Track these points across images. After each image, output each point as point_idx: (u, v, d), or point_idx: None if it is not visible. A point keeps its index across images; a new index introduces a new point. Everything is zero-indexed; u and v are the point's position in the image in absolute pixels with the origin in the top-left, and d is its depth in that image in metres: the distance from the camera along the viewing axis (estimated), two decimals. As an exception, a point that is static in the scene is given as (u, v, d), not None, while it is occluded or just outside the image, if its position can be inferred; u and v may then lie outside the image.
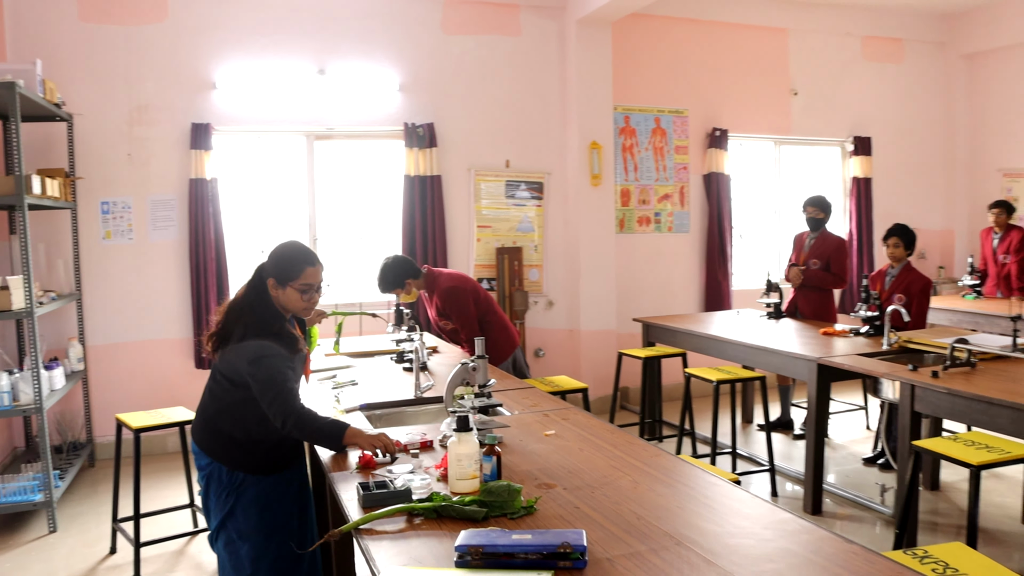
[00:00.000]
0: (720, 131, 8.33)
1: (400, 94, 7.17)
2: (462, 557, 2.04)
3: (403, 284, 5.14)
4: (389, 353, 5.15)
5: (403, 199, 7.17)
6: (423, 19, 7.21)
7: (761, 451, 6.21)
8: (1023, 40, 8.81)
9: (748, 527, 2.31)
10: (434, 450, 3.09)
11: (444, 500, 2.42)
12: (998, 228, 7.99)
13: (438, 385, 4.13)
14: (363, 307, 6.80)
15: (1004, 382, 4.17)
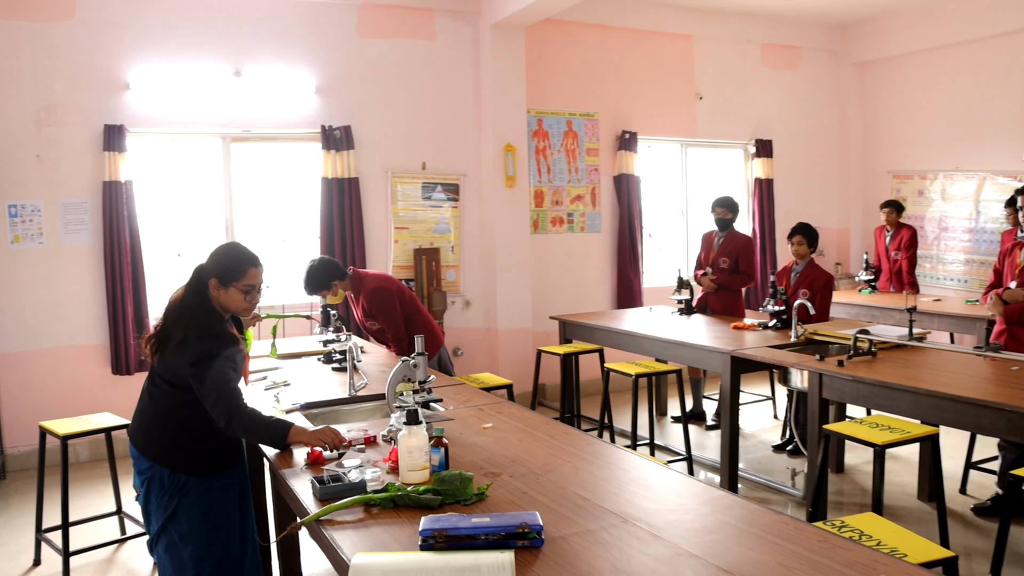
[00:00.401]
0: (629, 134, 8.58)
1: (317, 97, 7.20)
2: (426, 541, 2.15)
3: (329, 286, 5.20)
4: (316, 354, 5.20)
5: (321, 201, 7.20)
6: (339, 22, 7.25)
7: (676, 442, 6.46)
8: (909, 51, 9.34)
9: (687, 504, 2.49)
10: (378, 445, 3.19)
11: (399, 490, 2.53)
12: (889, 226, 8.44)
13: (371, 384, 4.22)
14: (285, 309, 6.82)
15: (902, 368, 4.48)
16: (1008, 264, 5.08)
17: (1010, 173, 8.47)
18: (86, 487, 5.98)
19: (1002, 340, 4.97)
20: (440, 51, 7.68)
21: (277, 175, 7.33)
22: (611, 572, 2.04)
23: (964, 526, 4.91)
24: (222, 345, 3.08)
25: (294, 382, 4.41)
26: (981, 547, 4.54)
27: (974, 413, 3.87)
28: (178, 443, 3.11)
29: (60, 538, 4.46)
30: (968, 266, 8.99)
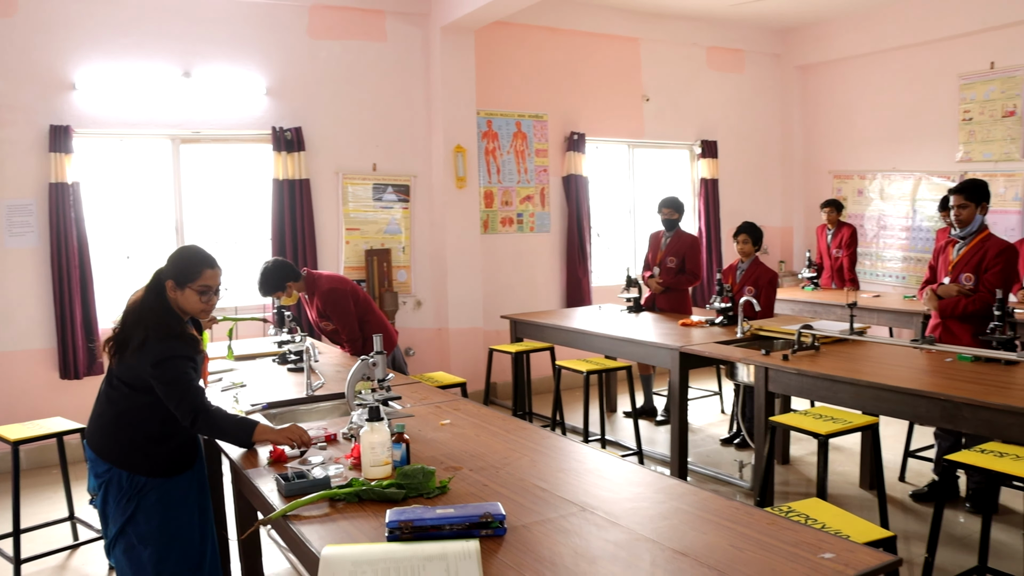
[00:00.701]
0: (578, 135, 8.70)
1: (267, 98, 7.20)
2: (393, 532, 2.23)
3: (284, 287, 5.22)
4: (271, 355, 5.23)
5: (272, 203, 7.21)
6: (289, 23, 7.25)
7: (627, 437, 6.58)
8: (848, 55, 9.61)
9: (642, 492, 2.59)
10: (339, 443, 3.25)
11: (363, 485, 2.60)
12: (831, 225, 8.68)
13: (328, 383, 4.27)
14: (238, 311, 6.80)
15: (844, 361, 4.66)
16: (942, 261, 5.29)
17: (944, 174, 8.76)
18: (37, 493, 5.92)
19: (937, 333, 5.17)
20: (390, 53, 7.73)
21: (228, 177, 7.31)
22: (572, 557, 2.13)
23: (903, 511, 5.11)
24: (183, 346, 3.12)
25: (250, 383, 4.44)
26: (919, 531, 4.73)
27: (911, 403, 4.05)
28: (137, 445, 3.12)
29: (11, 546, 4.43)
30: (906, 263, 9.27)
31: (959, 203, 5.09)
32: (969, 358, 4.53)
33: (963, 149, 8.59)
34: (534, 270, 8.70)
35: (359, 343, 5.35)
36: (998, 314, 4.54)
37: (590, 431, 6.16)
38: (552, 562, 2.10)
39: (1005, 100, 8.19)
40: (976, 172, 8.31)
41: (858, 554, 2.09)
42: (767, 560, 2.06)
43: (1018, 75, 8.06)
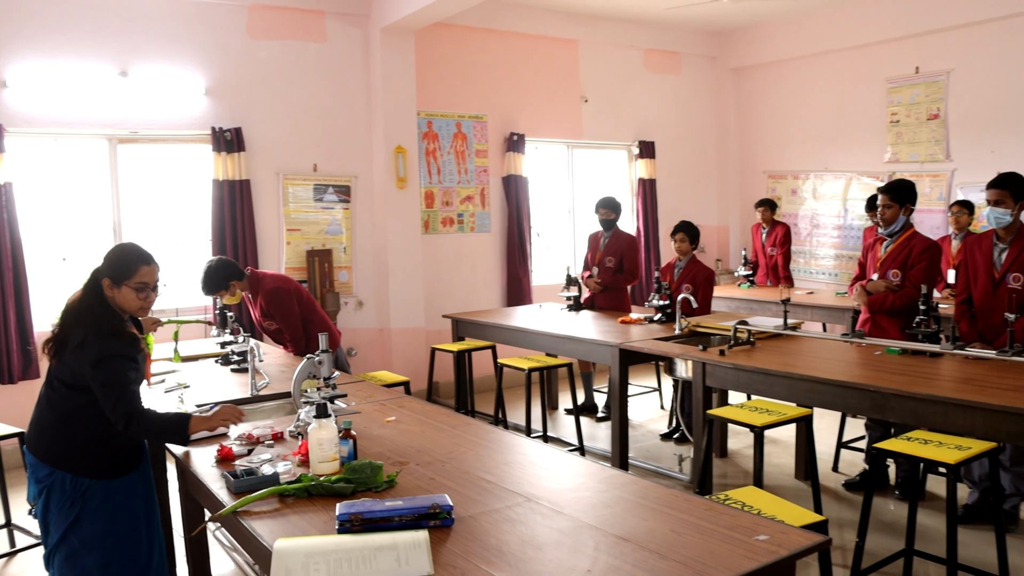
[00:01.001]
0: (517, 135, 8.79)
1: (207, 98, 7.14)
2: (343, 525, 2.27)
3: (227, 286, 5.19)
4: (214, 356, 5.21)
5: (212, 204, 7.16)
6: (228, 23, 7.21)
7: (569, 434, 6.68)
8: (781, 58, 9.86)
9: (585, 483, 2.67)
10: (285, 440, 3.28)
11: (312, 480, 2.64)
12: (765, 224, 8.90)
13: (272, 383, 4.28)
14: (179, 312, 6.75)
15: (778, 356, 4.80)
16: (871, 258, 5.47)
17: (873, 174, 9.03)
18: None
19: (866, 328, 5.35)
20: (331, 53, 7.72)
21: (167, 177, 7.23)
22: (519, 545, 2.20)
23: (836, 500, 5.29)
24: (124, 345, 3.08)
25: (194, 384, 4.43)
26: (851, 518, 4.90)
27: (843, 395, 4.21)
28: (79, 446, 3.07)
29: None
30: (838, 260, 9.54)
31: (885, 203, 5.27)
32: (896, 351, 4.71)
33: (891, 150, 8.87)
34: (475, 270, 8.76)
35: (302, 343, 5.36)
36: (923, 309, 4.72)
37: (532, 428, 6.24)
38: (500, 550, 2.17)
39: (930, 104, 8.48)
40: (903, 172, 8.59)
41: (791, 535, 2.19)
42: (705, 543, 2.16)
43: (941, 80, 8.35)
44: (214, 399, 4.02)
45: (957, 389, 3.87)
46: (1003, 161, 7.63)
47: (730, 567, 2.02)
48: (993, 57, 7.95)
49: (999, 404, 3.58)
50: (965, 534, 4.58)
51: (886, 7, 8.60)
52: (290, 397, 3.91)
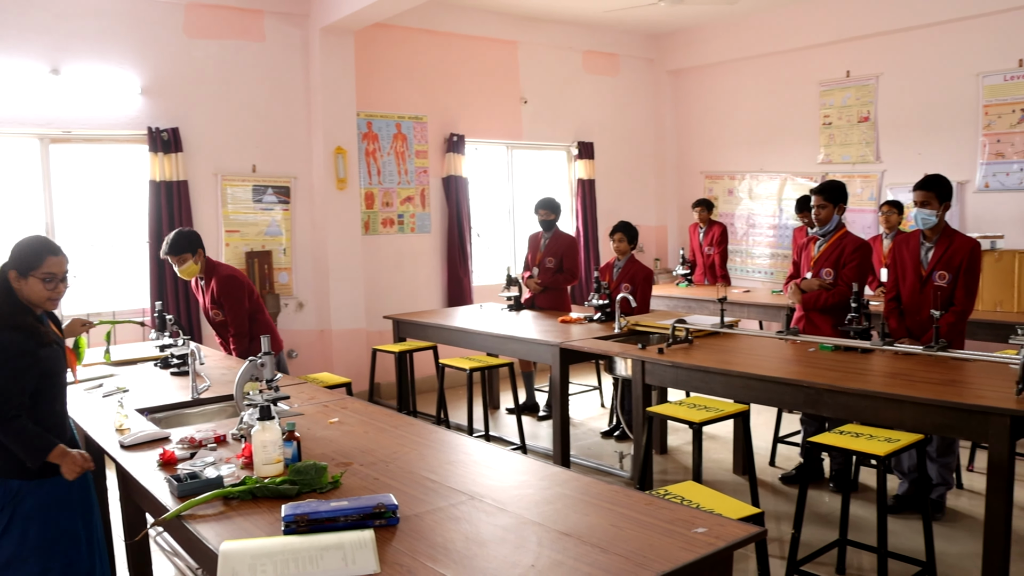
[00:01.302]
0: (457, 136, 8.81)
1: (142, 97, 7.03)
2: (289, 526, 2.28)
3: (194, 251, 5.29)
4: (153, 359, 5.15)
5: (149, 205, 7.05)
6: (164, 21, 7.10)
7: (511, 433, 6.72)
8: (717, 61, 10.03)
9: (527, 480, 2.72)
10: (228, 443, 3.26)
11: (257, 482, 2.64)
12: (702, 223, 9.05)
13: (213, 386, 4.25)
14: (116, 315, 6.64)
15: (716, 353, 4.91)
16: (804, 257, 5.61)
17: (807, 174, 9.24)
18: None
19: (801, 325, 5.49)
20: (269, 53, 7.66)
21: (102, 178, 7.10)
22: (463, 542, 2.24)
23: (774, 493, 5.41)
24: (25, 339, 2.98)
25: (133, 388, 4.37)
26: (788, 510, 5.03)
27: (778, 391, 4.32)
28: (3, 445, 2.95)
29: None
30: (773, 259, 9.73)
31: (819, 203, 5.42)
32: (830, 347, 4.85)
33: (824, 152, 9.08)
34: (416, 270, 8.77)
35: (246, 340, 5.39)
36: (855, 306, 4.86)
37: (474, 427, 6.28)
38: (445, 547, 2.21)
39: (860, 107, 8.70)
40: (836, 173, 8.81)
41: (728, 527, 2.26)
42: (645, 536, 2.22)
43: (871, 84, 8.58)
44: (153, 403, 3.98)
45: (887, 384, 4.00)
46: (929, 162, 7.88)
47: (670, 559, 2.08)
48: (919, 62, 8.19)
49: (926, 398, 3.71)
50: (895, 523, 4.74)
51: (818, 13, 8.81)
52: (232, 400, 3.90)
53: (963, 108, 7.87)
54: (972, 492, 5.32)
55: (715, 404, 4.48)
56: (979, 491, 5.19)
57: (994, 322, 6.12)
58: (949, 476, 5.00)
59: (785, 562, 3.95)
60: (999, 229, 7.34)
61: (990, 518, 3.61)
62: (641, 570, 2.02)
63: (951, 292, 4.82)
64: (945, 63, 7.98)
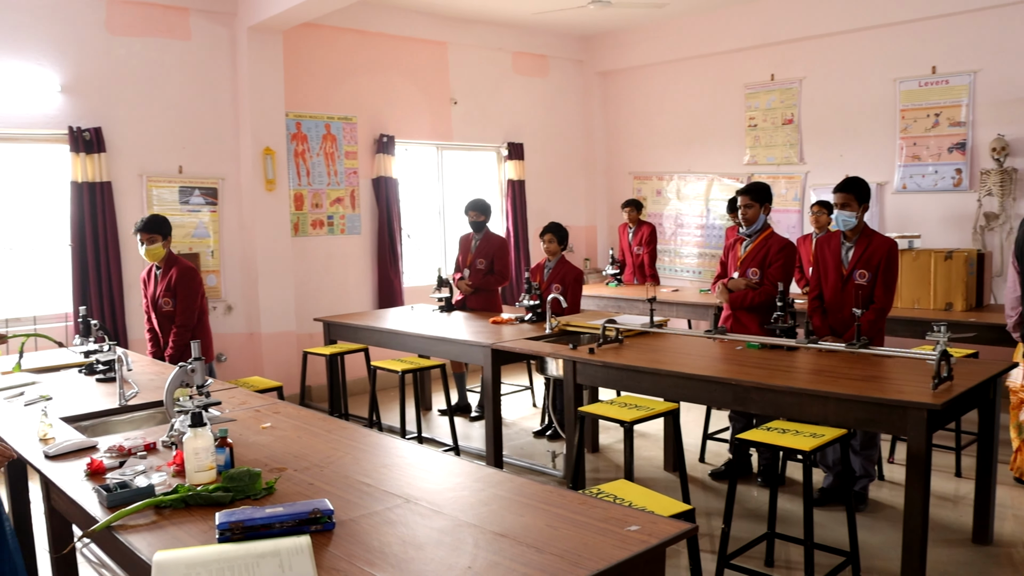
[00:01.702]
0: (387, 137, 8.77)
1: (63, 96, 6.85)
2: (224, 533, 2.26)
3: (165, 236, 5.70)
4: (77, 366, 5.02)
5: (71, 207, 6.87)
6: (84, 17, 6.92)
7: (443, 434, 6.73)
8: (646, 63, 10.16)
9: (462, 482, 2.74)
10: (159, 451, 3.21)
11: (189, 490, 2.61)
12: (632, 224, 9.17)
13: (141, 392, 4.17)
14: (37, 320, 6.47)
15: (646, 352, 4.99)
16: (732, 257, 5.73)
17: (733, 175, 9.42)
18: None
19: (728, 324, 5.60)
20: (196, 52, 7.53)
21: (20, 179, 6.90)
22: (400, 545, 2.24)
23: (704, 489, 5.52)
24: None
25: (56, 396, 4.26)
26: (718, 506, 5.13)
27: (707, 389, 4.41)
28: None
29: None
30: (701, 259, 9.90)
31: (745, 203, 5.54)
32: (756, 345, 4.96)
33: (749, 153, 9.27)
34: (346, 272, 8.71)
35: (188, 335, 5.53)
36: (780, 305, 4.99)
37: (407, 430, 6.27)
38: (381, 551, 2.21)
39: (784, 109, 8.91)
40: (761, 174, 9.00)
41: (660, 525, 2.31)
42: (579, 535, 2.25)
43: (795, 87, 8.79)
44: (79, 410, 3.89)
45: (811, 380, 4.12)
46: (850, 164, 8.11)
47: (604, 557, 2.11)
48: (840, 67, 8.42)
49: (849, 393, 3.83)
50: (821, 515, 4.87)
51: (743, 17, 8.99)
52: (161, 406, 3.84)
53: (881, 112, 8.11)
54: (893, 483, 5.50)
55: (646, 403, 4.55)
56: (900, 482, 5.35)
57: (912, 319, 6.33)
58: (871, 468, 5.16)
59: (716, 557, 4.03)
60: (916, 229, 7.59)
61: (909, 507, 3.75)
62: (576, 569, 2.05)
63: (871, 290, 4.98)
64: (864, 68, 8.22)
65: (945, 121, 7.69)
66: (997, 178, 7.25)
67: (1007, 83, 7.31)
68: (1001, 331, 5.53)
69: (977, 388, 4.06)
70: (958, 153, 7.62)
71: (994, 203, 7.35)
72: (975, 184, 7.52)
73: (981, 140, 7.48)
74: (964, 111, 7.56)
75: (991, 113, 7.42)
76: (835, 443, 3.82)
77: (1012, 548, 4.51)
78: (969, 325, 5.91)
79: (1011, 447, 5.43)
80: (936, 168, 7.76)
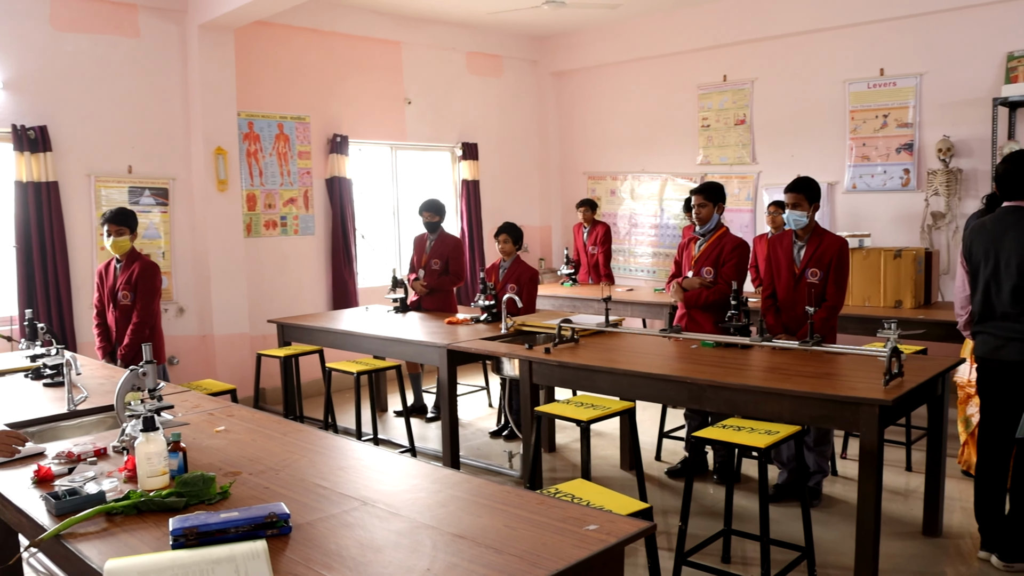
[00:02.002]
0: (341, 137, 8.71)
1: (5, 93, 6.69)
2: (177, 540, 2.22)
3: (133, 229, 5.64)
4: (22, 371, 4.91)
5: (15, 207, 6.73)
6: (28, 11, 6.76)
7: (399, 435, 6.69)
8: (599, 63, 10.20)
9: (420, 484, 2.72)
10: (109, 456, 3.15)
11: (142, 496, 2.56)
12: (586, 223, 9.20)
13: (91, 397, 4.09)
14: (-19, 324, 6.33)
15: (602, 352, 5.00)
16: (686, 256, 5.78)
17: (687, 175, 9.50)
18: None
19: (683, 323, 5.64)
20: (145, 50, 7.41)
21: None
22: (357, 548, 2.22)
23: (660, 487, 5.55)
24: None
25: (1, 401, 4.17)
26: (674, 504, 5.16)
27: (663, 387, 4.43)
28: None
29: None
30: (655, 258, 9.96)
31: (699, 202, 5.59)
32: (711, 344, 5.01)
33: (703, 153, 9.35)
34: (300, 273, 8.63)
35: (145, 331, 5.53)
36: (734, 304, 5.03)
37: (363, 431, 6.23)
38: (339, 555, 2.19)
39: (737, 110, 9.00)
40: (714, 174, 9.08)
41: (618, 524, 2.32)
42: (538, 536, 2.25)
43: (747, 88, 8.88)
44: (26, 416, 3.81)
45: (765, 378, 4.16)
46: (802, 164, 8.21)
47: (563, 557, 2.11)
48: (791, 68, 8.52)
49: (803, 391, 3.88)
50: (776, 511, 4.92)
51: (697, 19, 9.06)
52: (112, 411, 3.76)
53: (832, 113, 8.23)
54: (846, 478, 5.58)
55: (602, 402, 4.56)
56: (852, 477, 5.43)
57: (863, 316, 6.42)
58: (825, 464, 5.23)
59: (673, 554, 4.05)
60: (866, 228, 7.71)
61: (862, 502, 3.80)
62: (535, 569, 2.05)
63: (823, 288, 5.05)
64: (815, 70, 8.33)
65: (893, 122, 7.82)
66: (943, 178, 7.38)
67: (952, 85, 7.45)
68: (949, 328, 5.64)
69: (927, 384, 4.13)
70: (906, 154, 7.76)
71: (941, 203, 7.48)
72: (923, 184, 7.66)
73: (928, 141, 7.62)
74: (911, 112, 7.69)
75: (937, 115, 7.56)
76: (789, 440, 3.87)
77: (960, 539, 4.60)
78: (918, 322, 6.01)
79: (959, 441, 5.53)
80: (885, 168, 7.89)
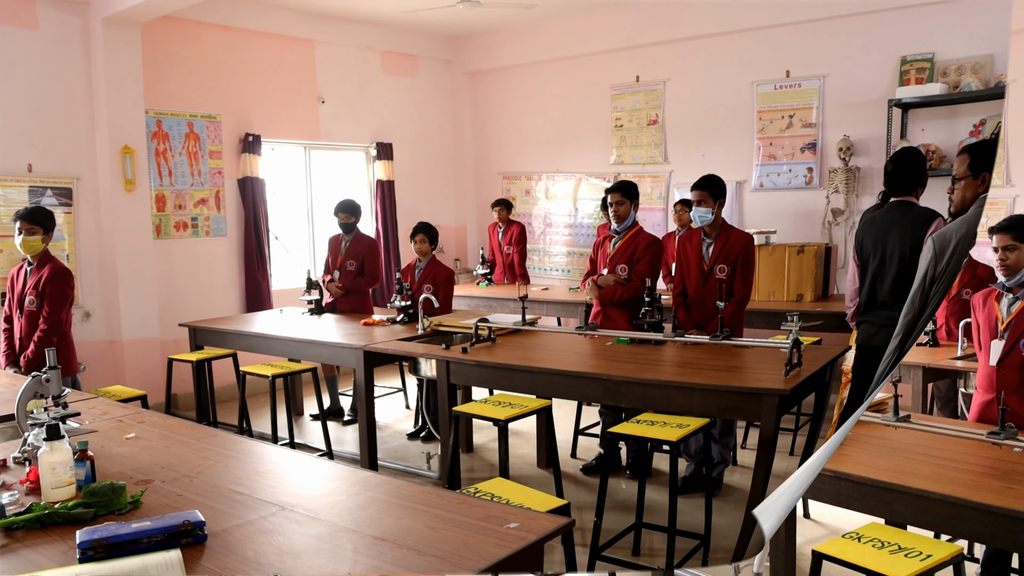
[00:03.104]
0: (253, 136, 8.56)
1: None
2: (85, 553, 2.16)
3: (48, 230, 5.40)
4: (-83, 378, 4.72)
5: (-93, 209, 6.47)
6: (-81, 8, 6.52)
7: (316, 439, 6.62)
8: (513, 64, 10.23)
9: (338, 487, 2.70)
10: (9, 468, 3.04)
11: (46, 508, 2.48)
12: (501, 223, 9.23)
13: (-9, 404, 3.96)
14: None
15: (519, 350, 5.03)
16: (601, 254, 5.85)
17: (600, 175, 9.60)
18: None
19: (598, 320, 5.71)
20: (45, 42, 7.15)
21: None
22: (276, 555, 2.19)
23: (576, 484, 5.61)
24: None
25: None
26: (589, 499, 5.22)
27: (579, 384, 4.48)
28: None
29: None
30: (570, 257, 10.05)
31: (617, 200, 5.67)
32: (625, 340, 5.08)
33: (616, 153, 9.46)
34: (212, 275, 8.45)
35: (52, 337, 5.33)
36: (647, 300, 5.11)
37: (279, 435, 6.14)
38: (258, 562, 2.16)
39: (649, 110, 9.13)
40: (627, 173, 9.20)
41: (538, 521, 2.34)
42: (460, 536, 2.25)
43: (659, 88, 9.01)
44: (-78, 426, 3.66)
45: (678, 373, 4.25)
46: (712, 163, 8.37)
47: (485, 556, 2.12)
48: (702, 70, 8.68)
49: (712, 384, 3.99)
50: (682, 502, 5.00)
51: (609, 20, 9.16)
52: (12, 420, 3.63)
53: (740, 113, 8.42)
54: (744, 467, 5.76)
55: (519, 400, 4.60)
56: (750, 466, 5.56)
57: (768, 311, 6.61)
58: (728, 454, 5.39)
59: (588, 549, 4.11)
60: (773, 225, 7.91)
61: (754, 487, 3.92)
62: (458, 569, 2.05)
63: (731, 284, 5.17)
64: (724, 71, 8.50)
65: (798, 122, 8.04)
66: (843, 176, 7.63)
67: (851, 87, 7.70)
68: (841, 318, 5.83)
69: (818, 372, 4.28)
70: (809, 153, 7.98)
71: (840, 200, 7.73)
72: (824, 182, 7.89)
73: (830, 140, 7.85)
74: (815, 113, 7.92)
75: (838, 115, 7.81)
76: (699, 432, 3.96)
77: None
78: (817, 315, 6.19)
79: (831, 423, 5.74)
80: (790, 167, 8.10)
